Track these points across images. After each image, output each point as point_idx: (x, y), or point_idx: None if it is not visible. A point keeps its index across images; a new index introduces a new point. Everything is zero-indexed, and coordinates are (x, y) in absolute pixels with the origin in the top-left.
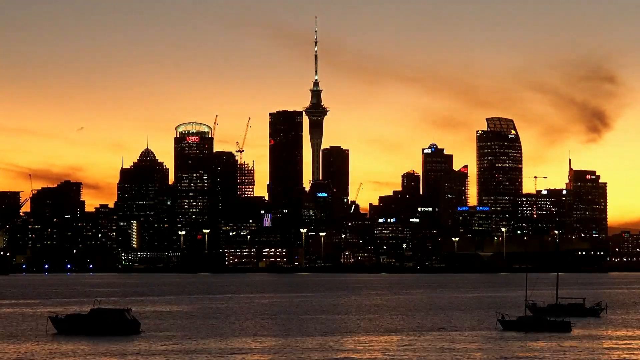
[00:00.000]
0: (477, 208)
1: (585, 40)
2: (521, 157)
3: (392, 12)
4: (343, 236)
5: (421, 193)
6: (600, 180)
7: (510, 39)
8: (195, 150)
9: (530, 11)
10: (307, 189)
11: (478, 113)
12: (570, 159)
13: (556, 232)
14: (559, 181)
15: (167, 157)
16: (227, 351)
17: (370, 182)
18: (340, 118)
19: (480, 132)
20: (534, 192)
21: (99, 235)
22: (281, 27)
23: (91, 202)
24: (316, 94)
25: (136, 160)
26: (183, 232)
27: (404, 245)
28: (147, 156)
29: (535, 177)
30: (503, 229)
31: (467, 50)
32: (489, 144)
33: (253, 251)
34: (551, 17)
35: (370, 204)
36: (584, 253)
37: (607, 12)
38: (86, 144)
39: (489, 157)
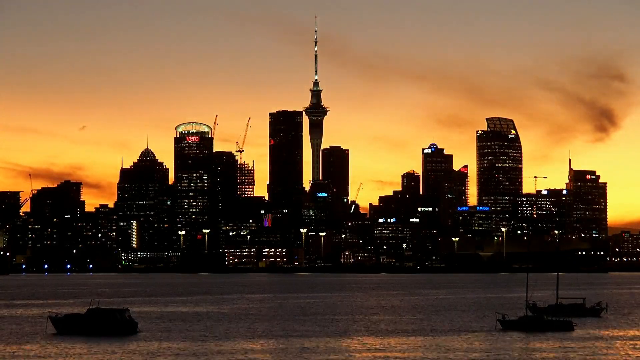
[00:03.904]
0: (477, 208)
1: (594, 38)
2: (521, 157)
3: (397, 10)
4: (343, 236)
5: (421, 193)
6: (600, 180)
7: (518, 36)
8: (195, 150)
9: (539, 9)
10: (307, 189)
11: (485, 112)
12: (570, 159)
13: (556, 232)
14: (559, 181)
15: (167, 157)
16: (227, 352)
17: (372, 182)
18: (340, 118)
19: (480, 132)
20: (534, 192)
21: (99, 235)
22: (281, 27)
23: (91, 201)
24: (316, 94)
25: (136, 160)
26: (183, 232)
27: (404, 245)
28: (147, 156)
29: (535, 177)
30: (503, 229)
31: (475, 48)
32: (489, 144)
33: (253, 251)
34: (560, 14)
35: (370, 204)
36: (584, 253)
37: (617, 9)
38: (87, 143)
39: (489, 157)
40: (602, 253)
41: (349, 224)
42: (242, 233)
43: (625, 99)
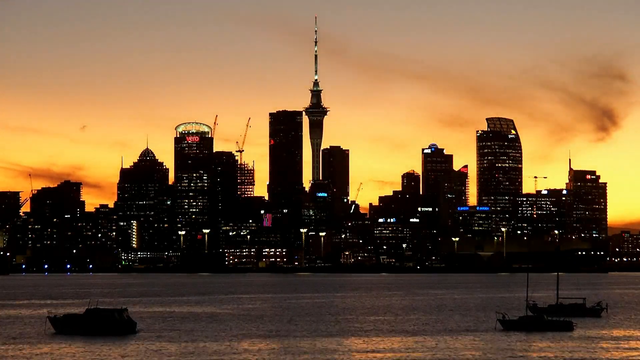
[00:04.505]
0: (477, 208)
1: (595, 38)
2: (521, 157)
3: (397, 10)
4: (343, 236)
5: (421, 193)
6: (600, 180)
7: (518, 36)
8: (195, 150)
9: (540, 8)
10: (307, 189)
11: (485, 112)
12: (570, 159)
13: (556, 232)
14: (559, 181)
15: (167, 157)
16: (227, 352)
17: (372, 182)
18: (340, 118)
19: (480, 132)
20: (534, 192)
21: (99, 235)
22: (281, 27)
23: (91, 201)
24: (316, 93)
25: (136, 160)
26: (183, 232)
27: (404, 245)
28: (147, 156)
29: (535, 177)
30: (503, 229)
31: (476, 48)
32: (489, 144)
33: (253, 251)
34: (561, 14)
35: (370, 204)
36: (584, 253)
37: (618, 9)
38: (87, 143)
39: (489, 157)
40: (602, 253)
41: (349, 224)
42: (242, 233)
43: (626, 99)
